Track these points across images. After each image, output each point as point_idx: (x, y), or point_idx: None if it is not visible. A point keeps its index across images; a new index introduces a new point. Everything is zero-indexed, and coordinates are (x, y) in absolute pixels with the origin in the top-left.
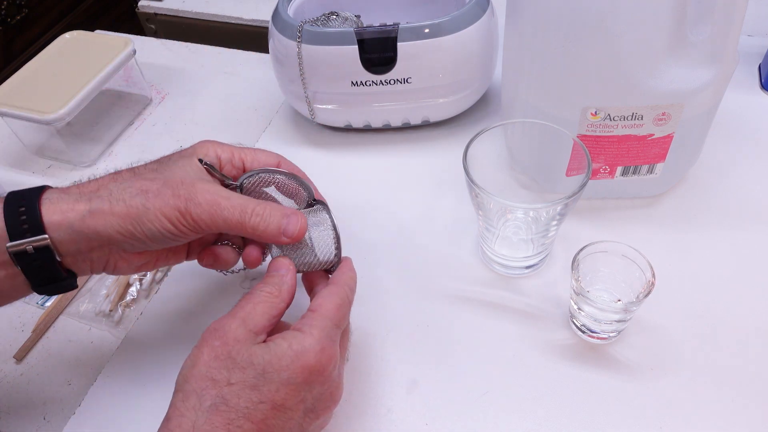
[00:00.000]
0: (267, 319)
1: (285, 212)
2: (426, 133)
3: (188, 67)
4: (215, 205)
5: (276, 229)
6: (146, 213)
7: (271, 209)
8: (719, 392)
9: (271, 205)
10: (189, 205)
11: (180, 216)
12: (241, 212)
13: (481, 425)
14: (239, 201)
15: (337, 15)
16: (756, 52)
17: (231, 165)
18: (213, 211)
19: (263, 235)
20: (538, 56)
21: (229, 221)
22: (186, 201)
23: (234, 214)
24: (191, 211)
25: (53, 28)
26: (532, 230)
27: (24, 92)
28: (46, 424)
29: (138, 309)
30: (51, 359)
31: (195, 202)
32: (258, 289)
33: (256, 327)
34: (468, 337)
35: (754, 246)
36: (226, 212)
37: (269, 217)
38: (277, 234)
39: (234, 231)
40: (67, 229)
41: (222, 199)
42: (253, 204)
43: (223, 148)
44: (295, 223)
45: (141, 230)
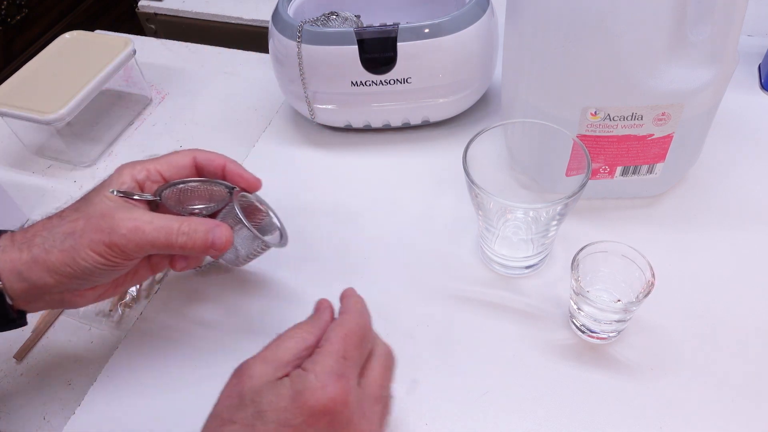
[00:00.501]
0: (292, 354)
1: (208, 227)
2: (426, 133)
3: (188, 67)
4: (138, 232)
5: (203, 245)
6: (77, 253)
7: (195, 226)
8: (719, 392)
9: (195, 222)
10: (113, 237)
11: (107, 249)
12: (167, 234)
13: (481, 425)
14: (162, 222)
15: (337, 15)
16: (756, 52)
17: (150, 182)
18: (138, 239)
19: (192, 251)
20: (538, 56)
21: (156, 244)
22: (109, 234)
23: (160, 237)
24: (116, 243)
25: (53, 28)
26: (532, 230)
27: (24, 92)
28: (46, 424)
29: (138, 309)
30: (51, 359)
31: (118, 233)
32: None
33: (277, 362)
34: (468, 337)
35: (754, 246)
36: (150, 236)
37: (194, 233)
38: (205, 249)
39: (164, 251)
40: (17, 276)
41: (144, 225)
42: (177, 224)
43: (137, 168)
44: (220, 236)
45: (79, 270)
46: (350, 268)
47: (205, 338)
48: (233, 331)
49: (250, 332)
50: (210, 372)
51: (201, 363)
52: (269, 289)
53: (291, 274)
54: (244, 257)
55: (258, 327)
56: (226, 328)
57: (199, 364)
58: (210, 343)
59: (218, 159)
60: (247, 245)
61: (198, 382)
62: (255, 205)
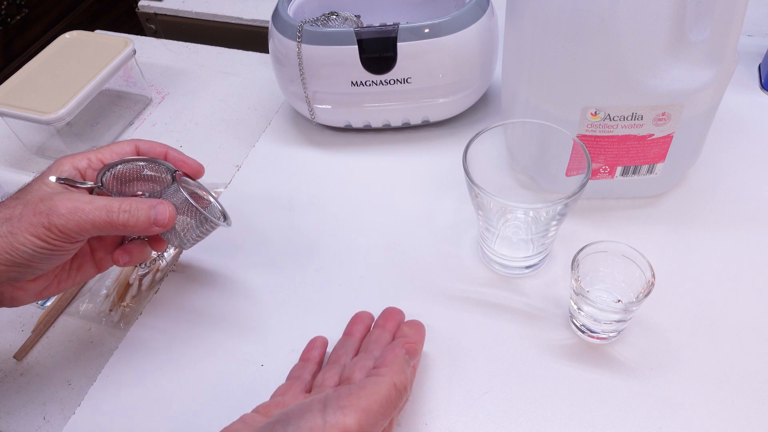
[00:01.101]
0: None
1: (151, 204)
2: (426, 133)
3: (188, 67)
4: (78, 212)
5: (146, 221)
6: (15, 237)
7: (137, 203)
8: (719, 392)
9: (136, 200)
10: (52, 219)
11: (46, 231)
12: (108, 212)
13: (481, 425)
14: (103, 202)
15: (337, 15)
16: (756, 52)
17: (92, 170)
18: (77, 218)
19: (135, 229)
20: (538, 56)
21: (97, 223)
22: (47, 216)
23: (100, 215)
24: (55, 223)
25: (53, 28)
26: (532, 230)
27: (24, 92)
28: (46, 424)
29: (138, 309)
30: (51, 359)
31: (57, 213)
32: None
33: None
34: (468, 337)
35: (754, 246)
36: (91, 215)
37: (137, 211)
38: (148, 226)
39: (106, 231)
40: None
41: (84, 204)
42: (117, 202)
43: (79, 157)
44: (162, 212)
45: (18, 255)
46: (350, 268)
47: (205, 338)
48: (233, 331)
49: (250, 332)
50: (210, 372)
51: (201, 363)
52: (269, 289)
53: (291, 274)
54: (191, 238)
55: (258, 327)
56: (226, 328)
57: (199, 364)
58: (210, 343)
59: (160, 147)
60: (192, 225)
61: (198, 381)
62: (197, 193)
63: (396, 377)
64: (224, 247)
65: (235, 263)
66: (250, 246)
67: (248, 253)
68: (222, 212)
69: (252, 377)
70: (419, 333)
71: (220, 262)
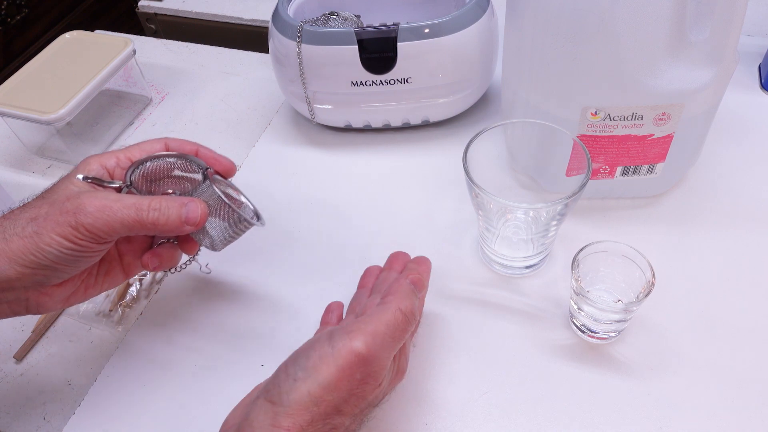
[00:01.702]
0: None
1: (182, 201)
2: (426, 133)
3: (188, 67)
4: (106, 210)
5: (177, 220)
6: (41, 238)
7: (167, 201)
8: (719, 392)
9: (166, 198)
10: (79, 218)
11: (74, 231)
12: (137, 210)
13: (481, 425)
14: (132, 200)
15: (337, 15)
16: (756, 52)
17: (120, 168)
18: (106, 217)
19: (165, 228)
20: (538, 56)
21: (126, 222)
22: (75, 215)
23: (129, 213)
24: (83, 222)
25: (53, 28)
26: (532, 230)
27: (24, 92)
28: (46, 424)
29: (138, 309)
30: (51, 359)
31: (84, 212)
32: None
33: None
34: (468, 337)
35: (754, 245)
36: (120, 214)
37: (167, 209)
38: (179, 224)
39: (135, 231)
40: None
41: (112, 203)
42: (147, 200)
43: (107, 156)
44: (194, 210)
45: (43, 256)
46: (350, 268)
47: (205, 338)
48: (233, 331)
49: (250, 332)
50: (210, 372)
51: (201, 363)
52: (269, 289)
53: (290, 274)
54: (223, 239)
55: (257, 327)
56: (226, 328)
57: (199, 364)
58: (210, 343)
59: (190, 145)
60: (224, 226)
61: (198, 381)
62: (228, 192)
63: (401, 302)
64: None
65: (235, 263)
66: (249, 246)
67: (248, 253)
68: (255, 212)
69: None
70: (424, 265)
71: (220, 261)
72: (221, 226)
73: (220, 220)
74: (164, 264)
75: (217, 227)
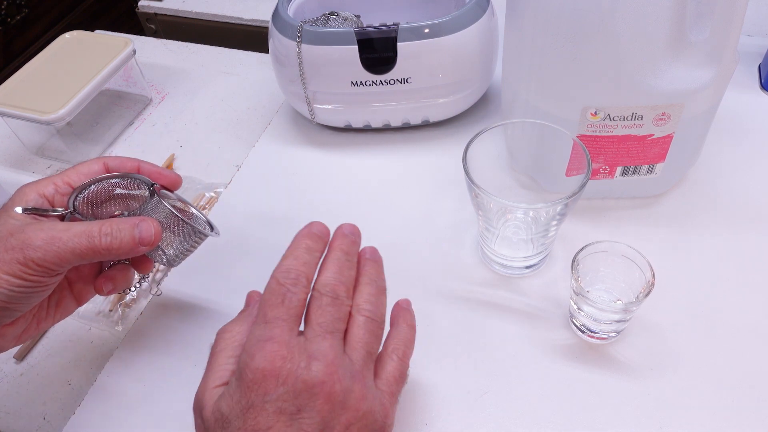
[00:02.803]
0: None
1: (133, 222)
2: (426, 133)
3: (188, 67)
4: (55, 242)
5: (131, 241)
6: None
7: (118, 224)
8: (719, 392)
9: (116, 221)
10: (27, 253)
11: (23, 267)
12: (88, 237)
13: (481, 425)
14: (81, 227)
15: (337, 15)
16: (756, 52)
17: (60, 195)
18: (56, 249)
19: (119, 252)
20: (538, 56)
21: (78, 251)
22: (22, 251)
23: (80, 242)
24: (32, 257)
25: (53, 28)
26: (532, 230)
27: (24, 92)
28: (46, 424)
29: (138, 309)
30: (51, 359)
31: (32, 246)
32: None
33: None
34: (468, 337)
35: (754, 246)
36: (70, 243)
37: (119, 232)
38: (133, 246)
39: (89, 258)
40: None
41: (60, 233)
42: (97, 225)
43: (43, 183)
44: (147, 229)
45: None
46: None
47: (205, 337)
48: None
49: None
50: None
51: (201, 363)
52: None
53: None
54: (179, 253)
55: None
56: None
57: (199, 364)
58: (209, 342)
59: (131, 162)
60: (179, 240)
61: (198, 381)
62: (177, 205)
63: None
64: (224, 247)
65: (235, 262)
66: (249, 245)
67: (248, 253)
68: (207, 222)
69: None
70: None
71: (220, 261)
72: (176, 241)
73: (173, 235)
74: (118, 286)
75: (172, 242)
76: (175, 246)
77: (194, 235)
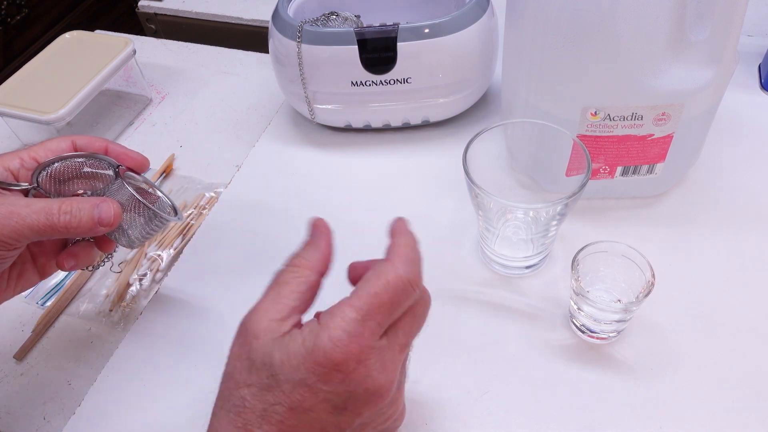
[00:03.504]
0: (294, 299)
1: (94, 202)
2: (426, 133)
3: (188, 67)
4: (14, 216)
5: (89, 221)
6: None
7: (78, 203)
8: (719, 392)
9: (77, 200)
10: None
11: None
12: (47, 214)
13: (481, 425)
14: (41, 204)
15: (337, 15)
16: (756, 52)
17: (25, 169)
18: (14, 224)
19: (78, 231)
20: (538, 56)
21: (36, 227)
22: None
23: (39, 219)
24: None
25: (53, 28)
26: (532, 230)
27: (24, 92)
28: (46, 424)
29: (138, 309)
30: (51, 359)
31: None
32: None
33: (280, 314)
34: (468, 337)
35: (754, 246)
36: (29, 219)
37: (79, 212)
38: (92, 226)
39: (47, 235)
40: None
41: (20, 209)
42: (57, 203)
43: (9, 157)
44: (107, 210)
45: None
46: None
47: (206, 337)
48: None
49: None
50: (210, 371)
51: (201, 363)
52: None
53: None
54: (140, 236)
55: None
56: (226, 327)
57: (199, 364)
58: (210, 342)
59: (99, 141)
60: (140, 223)
61: (198, 381)
62: (143, 188)
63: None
64: (224, 246)
65: (235, 262)
66: (249, 245)
67: (248, 252)
68: (172, 206)
69: None
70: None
71: (220, 260)
72: (136, 224)
73: (135, 218)
74: (80, 263)
75: (133, 225)
76: (136, 228)
77: (155, 219)
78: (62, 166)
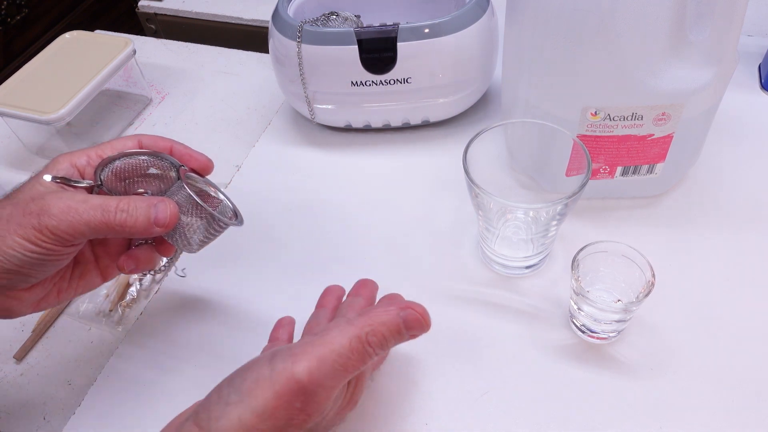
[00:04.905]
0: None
1: (151, 202)
2: (426, 133)
3: (188, 67)
4: (71, 212)
5: (145, 221)
6: (3, 240)
7: (136, 202)
8: (719, 392)
9: (135, 198)
10: (42, 220)
11: (37, 233)
12: (104, 211)
13: (481, 425)
14: (99, 201)
15: (337, 15)
16: (756, 52)
17: (92, 168)
18: (71, 219)
19: (133, 230)
20: (538, 56)
21: (92, 224)
22: (38, 216)
23: (95, 215)
24: (46, 224)
25: (53, 28)
26: (532, 230)
27: (24, 92)
28: (46, 424)
29: (138, 309)
30: (51, 359)
31: (48, 214)
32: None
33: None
34: (468, 337)
35: (754, 246)
36: (85, 215)
37: (135, 210)
38: (148, 226)
39: (103, 233)
40: None
41: (78, 204)
42: (114, 201)
43: (77, 155)
44: (163, 210)
45: (6, 260)
46: (350, 268)
47: (206, 337)
48: (233, 330)
49: (250, 332)
50: (210, 371)
51: (201, 362)
52: (269, 289)
53: (290, 274)
54: (198, 240)
55: (258, 326)
56: (227, 327)
57: (200, 364)
58: (210, 342)
59: (164, 141)
60: (198, 226)
61: (198, 382)
62: (205, 190)
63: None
64: (224, 246)
65: (235, 262)
66: (250, 246)
67: (248, 253)
68: (234, 211)
69: None
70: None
71: (220, 261)
72: (195, 227)
73: (193, 220)
74: (141, 266)
75: (191, 228)
76: (194, 232)
77: (214, 223)
78: (123, 164)
